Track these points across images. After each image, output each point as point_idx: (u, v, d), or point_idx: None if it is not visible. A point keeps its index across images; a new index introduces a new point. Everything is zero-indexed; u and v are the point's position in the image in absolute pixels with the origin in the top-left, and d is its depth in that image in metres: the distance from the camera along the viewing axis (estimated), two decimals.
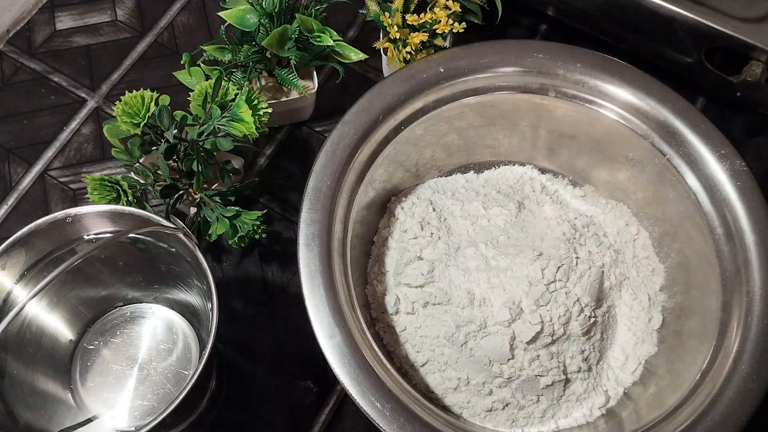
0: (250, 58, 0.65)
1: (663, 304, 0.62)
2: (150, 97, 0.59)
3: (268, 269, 0.70)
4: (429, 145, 0.65)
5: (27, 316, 0.58)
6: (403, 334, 0.60)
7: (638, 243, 0.65)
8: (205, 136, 0.61)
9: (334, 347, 0.51)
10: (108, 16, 0.83)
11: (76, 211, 0.54)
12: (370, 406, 0.49)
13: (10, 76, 0.79)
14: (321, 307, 0.52)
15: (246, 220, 0.64)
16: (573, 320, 0.56)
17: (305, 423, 0.64)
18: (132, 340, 0.64)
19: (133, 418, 0.61)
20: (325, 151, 0.58)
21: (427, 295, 0.59)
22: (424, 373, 0.59)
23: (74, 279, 0.60)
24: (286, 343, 0.67)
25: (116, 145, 0.63)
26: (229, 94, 0.61)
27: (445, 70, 0.61)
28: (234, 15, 0.64)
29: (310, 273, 0.53)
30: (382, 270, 0.63)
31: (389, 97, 0.60)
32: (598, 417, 0.59)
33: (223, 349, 0.66)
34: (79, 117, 0.77)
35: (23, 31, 0.82)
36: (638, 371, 0.60)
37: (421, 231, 0.62)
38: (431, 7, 0.67)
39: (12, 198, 0.73)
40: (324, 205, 0.56)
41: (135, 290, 0.65)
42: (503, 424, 0.58)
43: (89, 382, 0.62)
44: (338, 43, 0.65)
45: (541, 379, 0.57)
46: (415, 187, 0.67)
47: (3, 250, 0.53)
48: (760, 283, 0.54)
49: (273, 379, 0.65)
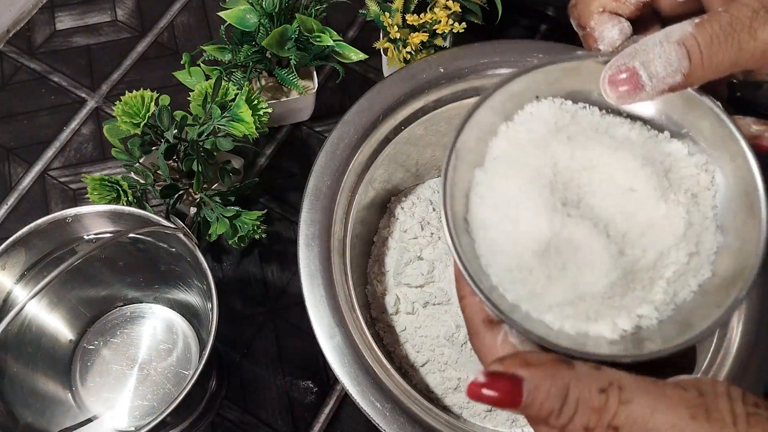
0: (250, 58, 0.65)
1: None
2: (150, 97, 0.59)
3: (268, 269, 0.70)
4: (429, 145, 0.65)
5: (27, 316, 0.58)
6: (403, 334, 0.60)
7: None
8: (205, 136, 0.61)
9: (334, 347, 0.51)
10: (108, 16, 0.83)
11: (76, 211, 0.54)
12: (370, 406, 0.49)
13: (10, 76, 0.79)
14: (321, 307, 0.52)
15: (246, 220, 0.64)
16: None
17: (305, 423, 0.64)
18: (132, 340, 0.64)
19: (133, 418, 0.61)
20: (325, 151, 0.58)
21: (427, 295, 0.59)
22: (424, 373, 0.59)
23: (74, 279, 0.60)
24: (286, 343, 0.67)
25: (116, 145, 0.63)
26: (229, 94, 0.61)
27: (445, 70, 0.61)
28: (234, 15, 0.64)
29: (310, 273, 0.53)
30: (382, 270, 0.63)
31: (389, 97, 0.60)
32: None
33: (223, 349, 0.66)
34: (79, 117, 0.77)
35: (23, 31, 0.82)
36: None
37: (421, 231, 0.62)
38: (431, 7, 0.67)
39: (12, 198, 0.73)
40: (324, 205, 0.56)
41: (135, 290, 0.65)
42: (503, 424, 0.58)
43: (89, 382, 0.62)
44: (338, 43, 0.65)
45: None
46: (415, 187, 0.67)
47: (3, 250, 0.53)
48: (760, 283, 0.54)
49: (273, 379, 0.65)
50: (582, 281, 0.31)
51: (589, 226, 0.32)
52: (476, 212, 0.33)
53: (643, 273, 0.31)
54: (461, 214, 0.33)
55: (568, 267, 0.31)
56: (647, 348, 0.30)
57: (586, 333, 0.31)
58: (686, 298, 0.32)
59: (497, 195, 0.33)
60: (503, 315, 0.30)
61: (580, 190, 0.33)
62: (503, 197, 0.33)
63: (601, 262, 0.31)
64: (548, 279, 0.31)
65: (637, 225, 0.32)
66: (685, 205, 0.32)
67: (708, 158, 0.33)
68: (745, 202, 0.32)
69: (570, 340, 0.30)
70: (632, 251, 0.32)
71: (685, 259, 0.32)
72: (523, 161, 0.33)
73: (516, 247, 0.32)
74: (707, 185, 0.33)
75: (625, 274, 0.31)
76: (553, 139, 0.33)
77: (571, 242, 0.31)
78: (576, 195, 0.33)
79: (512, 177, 0.33)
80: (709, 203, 0.33)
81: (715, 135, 0.32)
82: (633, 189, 0.32)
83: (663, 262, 0.32)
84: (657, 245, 0.32)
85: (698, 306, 0.32)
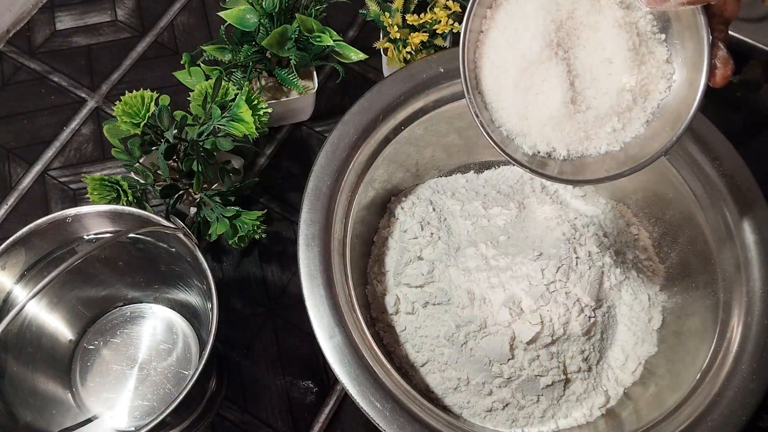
0: (250, 58, 0.65)
1: (663, 304, 0.62)
2: (150, 97, 0.59)
3: (268, 269, 0.70)
4: (429, 145, 0.65)
5: (27, 316, 0.58)
6: (403, 334, 0.60)
7: (638, 243, 0.65)
8: (205, 136, 0.61)
9: (334, 347, 0.51)
10: (108, 16, 0.83)
11: (76, 211, 0.54)
12: (370, 406, 0.49)
13: (10, 76, 0.79)
14: (321, 307, 0.52)
15: (246, 220, 0.64)
16: (573, 320, 0.56)
17: (305, 423, 0.64)
18: (132, 340, 0.64)
19: (133, 418, 0.61)
20: (325, 151, 0.58)
21: (427, 295, 0.59)
22: (424, 373, 0.59)
23: (74, 279, 0.60)
24: (286, 343, 0.67)
25: (116, 145, 0.63)
26: (229, 94, 0.61)
27: (445, 70, 0.61)
28: (234, 15, 0.64)
29: (310, 273, 0.53)
30: (382, 270, 0.63)
31: (389, 97, 0.60)
32: (598, 417, 0.59)
33: (223, 349, 0.66)
34: (79, 117, 0.77)
35: (23, 31, 0.82)
36: (638, 371, 0.60)
37: (421, 231, 0.62)
38: (431, 7, 0.67)
39: (12, 198, 0.73)
40: (324, 205, 0.56)
41: (135, 290, 0.65)
42: (503, 424, 0.58)
43: (89, 382, 0.62)
44: (338, 43, 0.65)
45: (541, 379, 0.57)
46: (415, 187, 0.67)
47: (3, 250, 0.53)
48: (760, 282, 0.54)
49: (273, 379, 0.65)
50: (535, 104, 0.43)
51: (563, 70, 0.42)
52: (489, 57, 0.43)
53: (587, 122, 0.43)
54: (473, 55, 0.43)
55: (532, 89, 0.42)
56: (547, 170, 0.43)
57: (512, 140, 0.44)
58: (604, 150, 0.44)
59: (513, 41, 0.42)
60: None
61: (575, 42, 0.42)
62: (520, 15, 0.42)
63: (555, 100, 0.42)
64: (515, 89, 0.43)
65: (597, 88, 0.43)
66: (633, 95, 0.43)
67: (676, 72, 0.42)
68: (675, 116, 0.42)
69: (500, 138, 0.44)
70: (580, 105, 0.43)
71: (620, 125, 0.43)
72: (535, 16, 0.42)
73: (509, 61, 0.42)
74: (661, 90, 0.43)
75: (569, 116, 0.42)
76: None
77: (545, 73, 0.42)
78: (570, 42, 0.42)
79: (526, 27, 0.42)
80: (653, 103, 0.43)
81: (693, 58, 0.41)
82: (611, 61, 0.42)
83: (600, 123, 0.43)
84: (602, 109, 0.43)
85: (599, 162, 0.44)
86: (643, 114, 0.43)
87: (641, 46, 0.42)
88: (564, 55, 0.42)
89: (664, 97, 0.43)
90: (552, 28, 0.42)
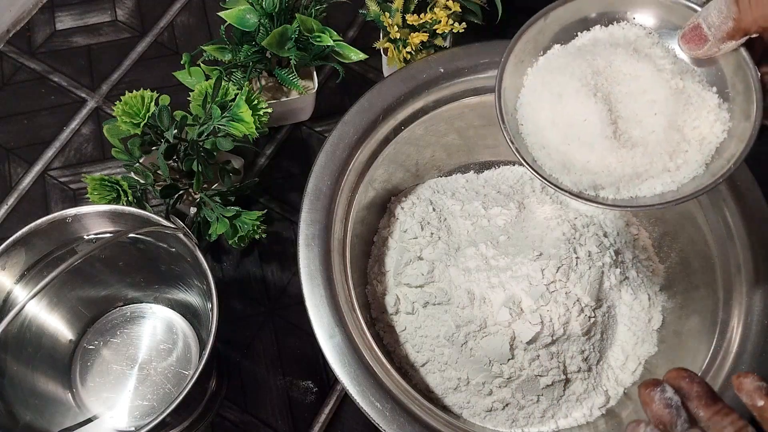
0: (250, 58, 0.65)
1: (663, 304, 0.62)
2: (150, 97, 0.59)
3: (268, 269, 0.70)
4: (429, 145, 0.65)
5: (27, 316, 0.58)
6: (403, 334, 0.60)
7: (638, 243, 0.65)
8: (205, 136, 0.61)
9: (334, 347, 0.51)
10: (108, 16, 0.83)
11: (76, 211, 0.54)
12: (370, 406, 0.49)
13: (10, 76, 0.79)
14: (321, 307, 0.52)
15: (246, 220, 0.64)
16: (573, 320, 0.56)
17: (305, 423, 0.64)
18: (132, 340, 0.64)
19: (133, 418, 0.61)
20: (325, 151, 0.58)
21: (427, 295, 0.59)
22: (424, 373, 0.59)
23: (74, 279, 0.60)
24: (286, 343, 0.67)
25: (116, 145, 0.63)
26: (229, 94, 0.61)
27: (445, 70, 0.61)
28: (234, 15, 0.64)
29: (310, 273, 0.53)
30: (382, 270, 0.63)
31: (389, 97, 0.60)
32: (598, 417, 0.59)
33: (223, 349, 0.66)
34: (79, 117, 0.77)
35: (23, 31, 0.82)
36: (638, 371, 0.60)
37: (421, 231, 0.62)
38: (431, 7, 0.67)
39: (12, 198, 0.73)
40: (324, 205, 0.56)
41: (135, 290, 0.65)
42: (503, 424, 0.58)
43: (89, 382, 0.62)
44: (338, 43, 0.65)
45: (541, 379, 0.57)
46: (415, 187, 0.67)
47: (3, 250, 0.53)
48: (760, 283, 0.54)
49: (273, 379, 0.65)
50: (577, 141, 0.41)
51: (603, 108, 0.41)
52: (527, 102, 0.44)
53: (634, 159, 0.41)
54: (512, 105, 0.44)
55: (573, 127, 0.41)
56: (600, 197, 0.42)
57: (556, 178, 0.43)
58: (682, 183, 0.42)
59: (550, 85, 0.42)
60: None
61: (615, 87, 0.42)
62: (556, 86, 0.42)
63: (595, 132, 0.41)
64: (554, 127, 0.42)
65: (642, 128, 0.41)
66: (685, 136, 0.41)
67: (730, 116, 0.41)
68: (729, 154, 0.40)
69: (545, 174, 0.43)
70: (626, 143, 0.41)
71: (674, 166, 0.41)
72: (572, 65, 0.42)
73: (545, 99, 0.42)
74: (718, 134, 0.41)
75: (612, 150, 0.41)
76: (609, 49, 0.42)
77: (583, 110, 0.41)
78: (609, 87, 0.42)
79: (563, 74, 0.42)
80: (711, 147, 0.41)
81: (746, 93, 0.40)
82: (655, 101, 0.41)
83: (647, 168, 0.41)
84: (649, 146, 0.41)
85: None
86: (700, 156, 0.41)
87: (685, 88, 0.41)
88: (604, 98, 0.41)
89: (722, 139, 0.41)
90: (588, 72, 0.41)
